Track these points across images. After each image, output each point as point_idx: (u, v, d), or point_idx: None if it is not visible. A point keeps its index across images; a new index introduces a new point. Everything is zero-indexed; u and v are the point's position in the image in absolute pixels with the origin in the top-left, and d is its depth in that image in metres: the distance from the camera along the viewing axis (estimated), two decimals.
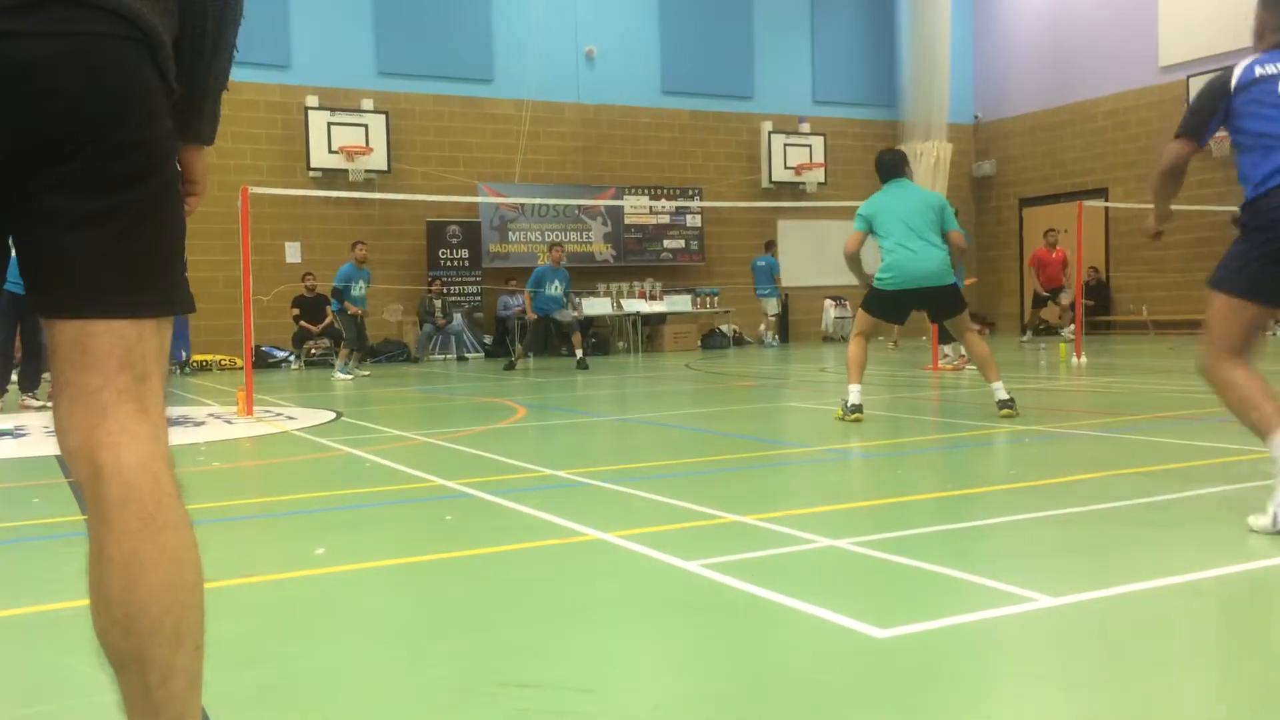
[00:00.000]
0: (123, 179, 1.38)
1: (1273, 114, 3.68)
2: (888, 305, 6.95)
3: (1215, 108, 3.86)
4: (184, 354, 15.08)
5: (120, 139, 1.37)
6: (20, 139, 1.33)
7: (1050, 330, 18.09)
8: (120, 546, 1.37)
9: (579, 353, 14.05)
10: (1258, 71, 3.78)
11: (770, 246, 19.55)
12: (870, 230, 7.00)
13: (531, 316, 14.02)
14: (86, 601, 1.81)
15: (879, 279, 6.94)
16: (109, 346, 1.40)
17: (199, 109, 1.56)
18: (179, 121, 1.53)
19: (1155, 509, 3.97)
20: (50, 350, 1.43)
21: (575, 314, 15.31)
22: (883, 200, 7.05)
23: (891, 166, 7.21)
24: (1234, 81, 3.82)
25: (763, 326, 19.34)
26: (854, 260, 7.02)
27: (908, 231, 6.84)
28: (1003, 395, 6.63)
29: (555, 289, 14.06)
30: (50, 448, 6.67)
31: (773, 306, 19.19)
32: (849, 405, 6.71)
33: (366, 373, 13.79)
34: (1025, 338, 17.42)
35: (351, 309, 13.35)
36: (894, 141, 21.70)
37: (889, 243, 6.90)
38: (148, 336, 1.43)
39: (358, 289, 13.40)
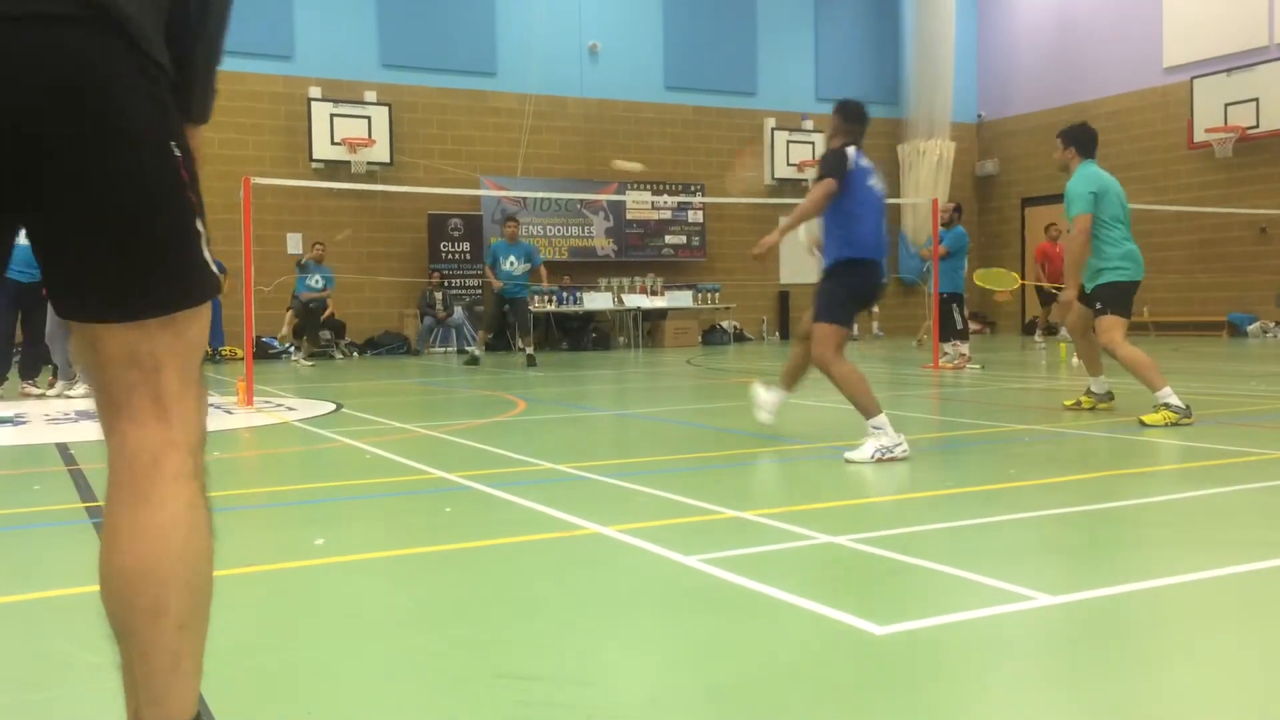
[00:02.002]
0: (104, 180, 1.36)
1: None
2: (1128, 298, 6.32)
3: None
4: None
5: (98, 139, 1.35)
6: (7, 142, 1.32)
7: (1053, 330, 18.01)
8: (111, 519, 1.43)
9: (528, 350, 13.82)
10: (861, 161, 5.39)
11: None
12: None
13: (496, 284, 13.67)
14: (88, 589, 1.82)
15: (1119, 269, 6.32)
16: (114, 346, 1.43)
17: (191, 88, 1.52)
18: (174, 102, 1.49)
19: (1155, 509, 3.98)
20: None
21: (529, 311, 14.66)
22: (1105, 179, 6.41)
23: (1094, 140, 6.57)
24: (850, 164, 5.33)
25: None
26: (1086, 252, 6.31)
27: (1128, 218, 6.34)
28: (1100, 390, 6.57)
29: (512, 264, 13.45)
30: (50, 435, 6.67)
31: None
32: (1176, 407, 6.09)
33: (311, 364, 14.17)
34: (1039, 340, 16.98)
35: (307, 295, 14.69)
36: (896, 140, 21.71)
37: (1119, 231, 6.31)
38: (154, 332, 1.43)
39: (313, 280, 14.74)
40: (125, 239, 1.38)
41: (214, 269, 1.50)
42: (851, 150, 5.44)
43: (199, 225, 1.46)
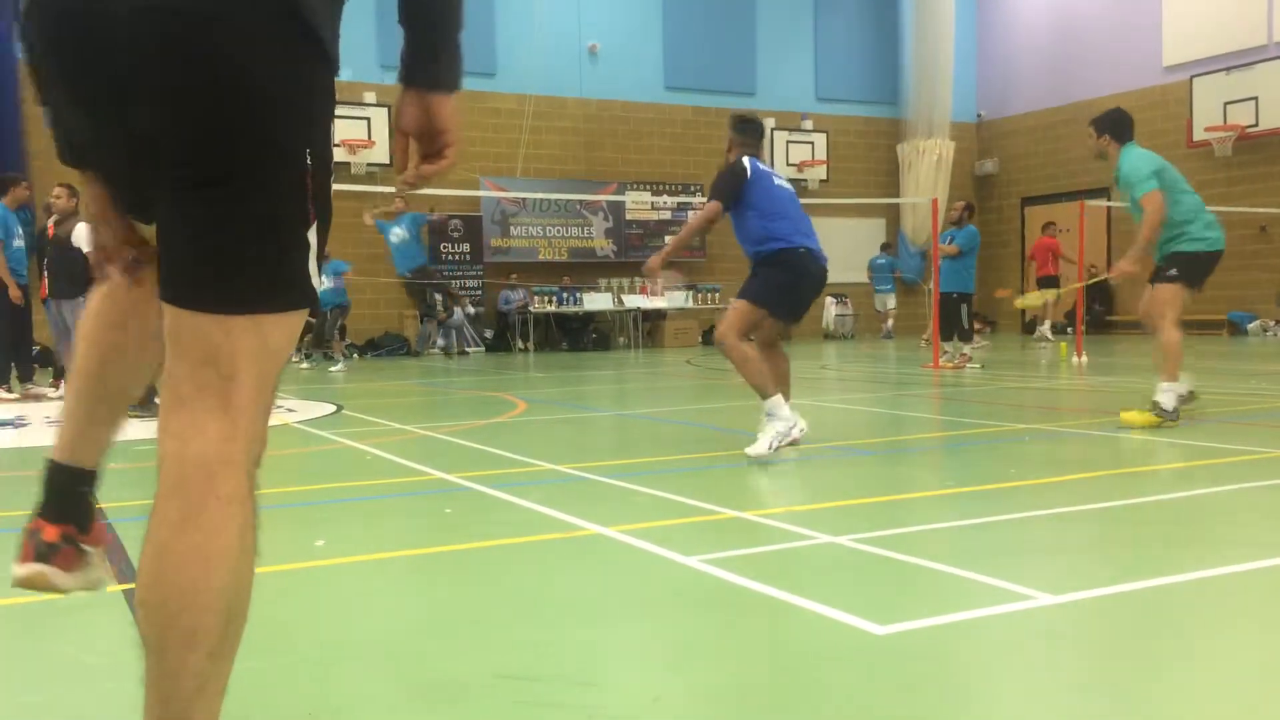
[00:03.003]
0: (214, 170, 1.34)
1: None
2: (1205, 270, 6.07)
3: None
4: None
5: (219, 127, 1.33)
6: (134, 116, 1.33)
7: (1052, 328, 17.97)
8: (157, 534, 1.36)
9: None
10: (759, 166, 5.60)
11: (886, 247, 20.66)
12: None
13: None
14: (90, 591, 1.82)
15: (1202, 239, 6.05)
16: (193, 339, 1.38)
17: (433, 53, 1.48)
18: (413, 67, 1.48)
19: (1155, 508, 3.98)
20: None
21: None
22: (1157, 157, 6.21)
23: (1130, 124, 6.39)
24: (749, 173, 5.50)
25: (890, 322, 20.04)
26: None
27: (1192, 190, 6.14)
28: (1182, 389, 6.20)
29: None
30: (51, 437, 6.66)
31: (890, 301, 20.04)
32: (1164, 410, 5.87)
33: (305, 366, 13.90)
34: (1037, 336, 16.90)
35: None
36: (895, 140, 21.71)
37: (1191, 201, 6.09)
38: (237, 334, 1.37)
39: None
40: (229, 231, 1.36)
41: (315, 283, 1.46)
42: (747, 160, 5.59)
43: (309, 237, 1.43)
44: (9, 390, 9.68)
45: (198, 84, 1.30)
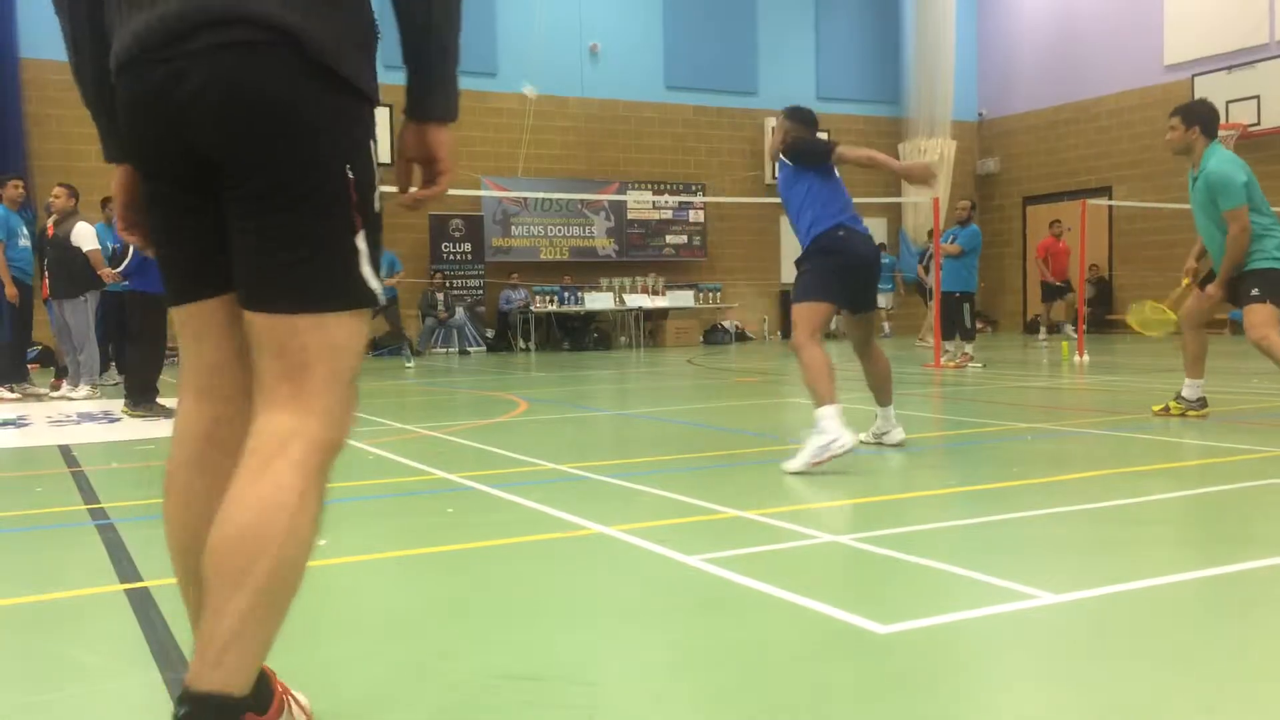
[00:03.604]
0: (267, 191, 1.53)
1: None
2: None
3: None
4: None
5: (266, 154, 1.52)
6: (200, 149, 1.54)
7: (1055, 328, 17.97)
8: (233, 487, 1.53)
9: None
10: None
11: (883, 247, 20.53)
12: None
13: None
14: (89, 590, 1.82)
15: (1274, 257, 5.91)
16: (266, 335, 1.58)
17: (428, 86, 1.64)
18: (411, 101, 1.65)
19: (1158, 507, 3.97)
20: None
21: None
22: (1245, 165, 6.02)
23: (1218, 119, 6.19)
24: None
25: (887, 323, 20.16)
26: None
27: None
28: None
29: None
30: (53, 437, 6.67)
31: (885, 300, 19.97)
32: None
33: (409, 365, 13.92)
34: (1042, 337, 16.85)
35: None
36: (897, 139, 21.69)
37: (1270, 217, 5.93)
38: (303, 330, 1.56)
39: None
40: (285, 243, 1.54)
41: (370, 284, 1.62)
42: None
43: (358, 243, 1.60)
44: (11, 390, 9.69)
45: (258, 124, 1.52)
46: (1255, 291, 5.93)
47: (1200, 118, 6.12)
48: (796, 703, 2.05)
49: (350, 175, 1.57)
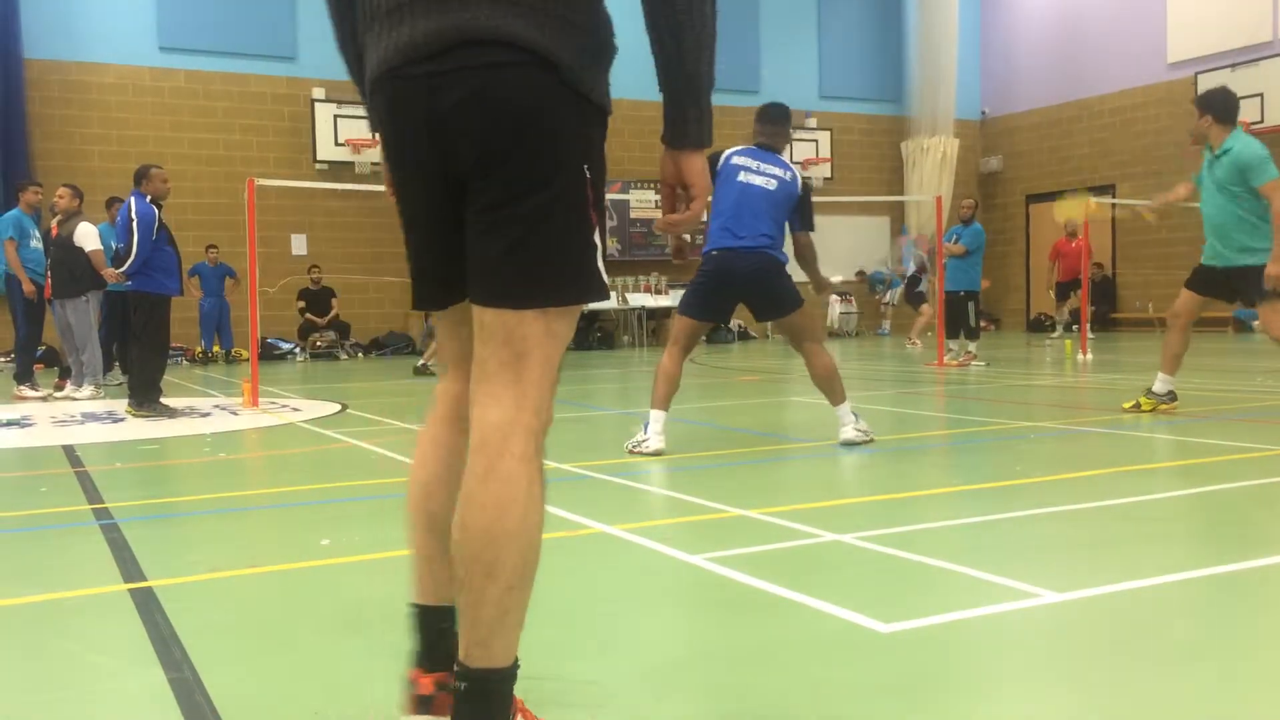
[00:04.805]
0: (514, 193, 1.63)
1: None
2: None
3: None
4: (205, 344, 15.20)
5: (515, 159, 1.63)
6: (451, 162, 1.66)
7: (1070, 325, 17.92)
8: (467, 485, 1.66)
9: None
10: (734, 160, 5.51)
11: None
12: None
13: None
14: (92, 590, 1.83)
15: None
16: (494, 326, 1.67)
17: (682, 118, 1.75)
18: (667, 129, 1.76)
19: (1160, 505, 3.97)
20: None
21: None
22: (1265, 148, 5.94)
23: (1236, 106, 6.20)
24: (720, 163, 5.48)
25: (887, 321, 20.18)
26: None
27: None
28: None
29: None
30: (57, 437, 6.68)
31: (889, 296, 20.10)
32: None
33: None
34: (1056, 335, 16.74)
35: None
36: (900, 137, 21.66)
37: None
38: (529, 321, 1.66)
39: None
40: (528, 241, 1.64)
41: (602, 278, 1.72)
42: (733, 150, 5.59)
43: (595, 239, 1.71)
44: (34, 388, 9.72)
45: (505, 125, 1.64)
46: (1271, 289, 5.93)
47: (1212, 105, 6.19)
48: (799, 701, 2.05)
49: (588, 174, 1.69)
